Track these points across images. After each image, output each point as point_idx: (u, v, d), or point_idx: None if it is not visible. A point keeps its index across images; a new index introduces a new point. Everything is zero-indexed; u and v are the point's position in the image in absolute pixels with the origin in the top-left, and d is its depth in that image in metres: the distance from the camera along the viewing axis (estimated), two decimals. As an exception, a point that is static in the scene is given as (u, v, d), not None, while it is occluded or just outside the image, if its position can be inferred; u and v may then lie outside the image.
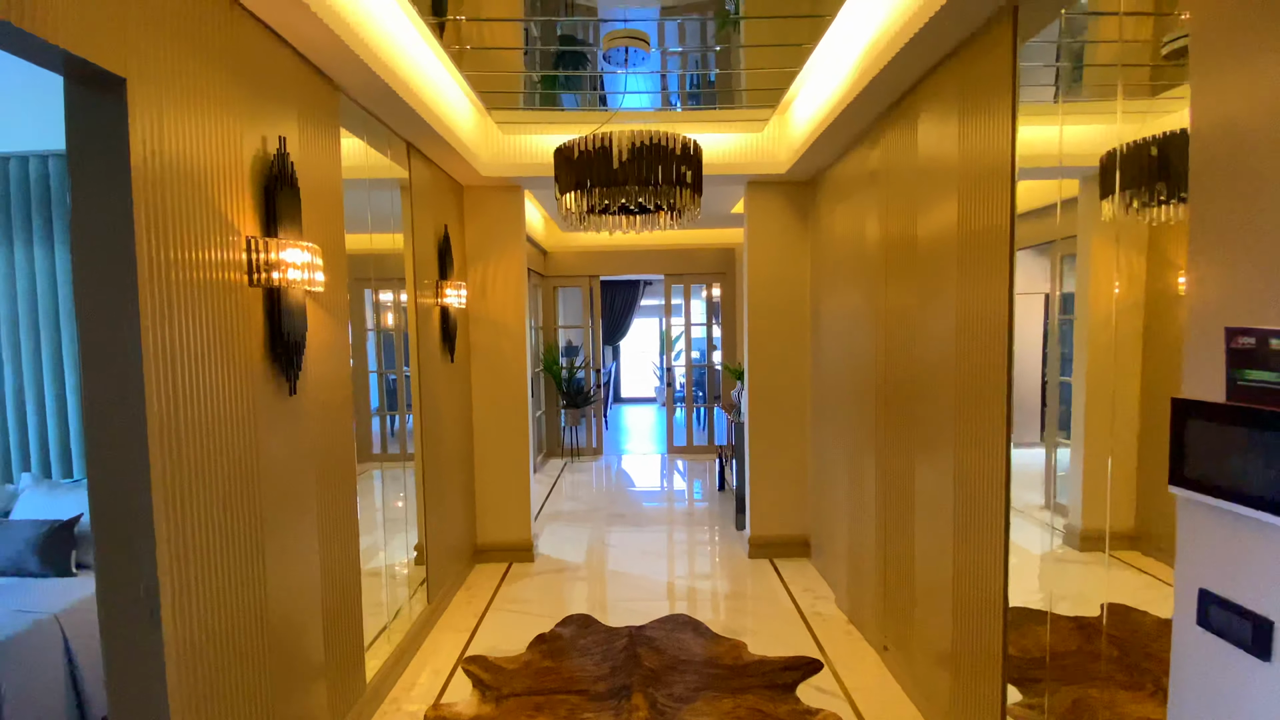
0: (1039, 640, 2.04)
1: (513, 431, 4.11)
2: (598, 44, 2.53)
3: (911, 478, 2.58)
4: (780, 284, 4.07)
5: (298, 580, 2.01)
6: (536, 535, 4.40)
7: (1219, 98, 1.16)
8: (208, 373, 1.60)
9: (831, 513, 3.63)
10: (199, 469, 1.57)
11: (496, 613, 3.42)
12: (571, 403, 7.35)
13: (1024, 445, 1.95)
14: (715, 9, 2.42)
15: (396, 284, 3.12)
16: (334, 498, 2.26)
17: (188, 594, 1.53)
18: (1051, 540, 2.06)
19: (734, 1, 2.41)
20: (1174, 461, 1.25)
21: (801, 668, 2.79)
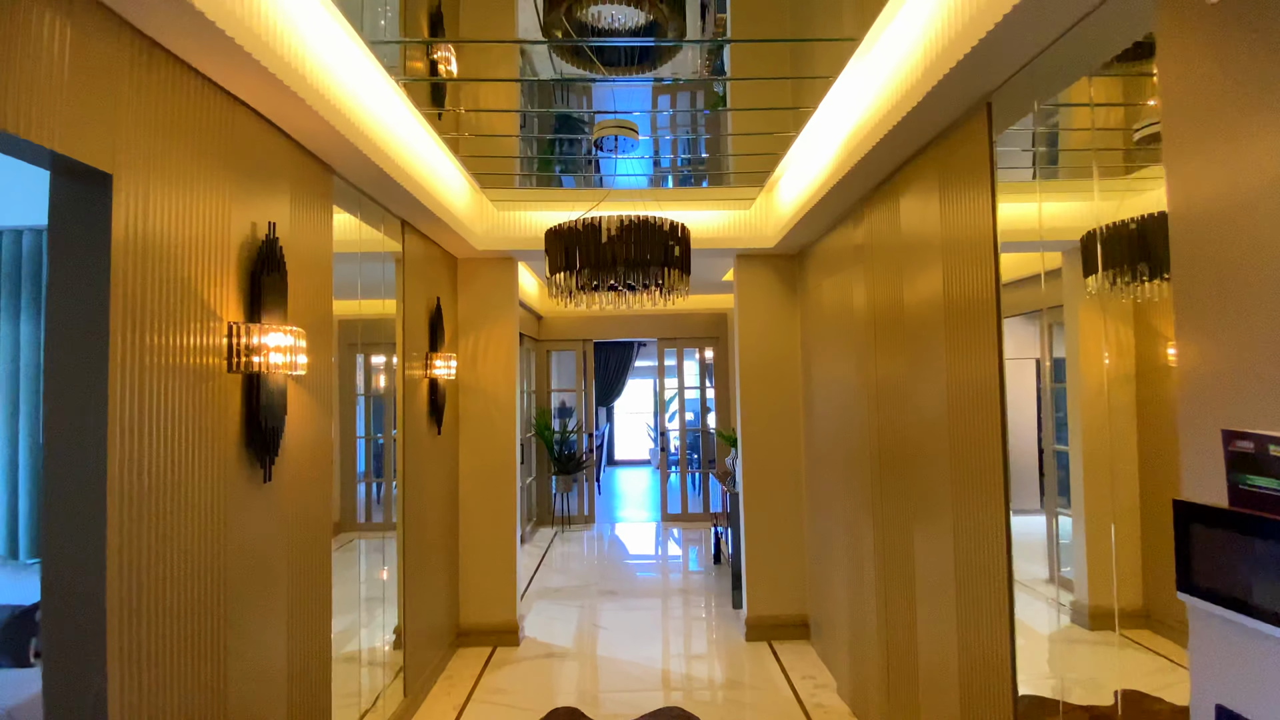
0: None
1: (500, 505, 3.99)
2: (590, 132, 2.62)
3: (911, 552, 2.48)
4: (771, 354, 4.07)
5: (261, 677, 1.87)
6: (523, 616, 4.20)
7: (1193, 182, 1.17)
8: (178, 459, 1.54)
9: (830, 590, 3.48)
10: (160, 559, 1.48)
11: (477, 704, 3.21)
12: (563, 469, 7.21)
13: (1023, 511, 1.88)
14: (704, 94, 2.52)
15: (387, 348, 3.10)
16: (306, 585, 2.15)
17: (138, 696, 1.41)
18: (1059, 618, 1.97)
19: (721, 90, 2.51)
20: (1180, 567, 1.19)
21: (803, 771, 2.59)
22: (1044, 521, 1.93)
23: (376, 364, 3.11)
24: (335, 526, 2.85)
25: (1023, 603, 1.89)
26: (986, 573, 1.96)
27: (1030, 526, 1.87)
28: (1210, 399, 1.14)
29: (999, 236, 1.90)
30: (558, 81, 2.43)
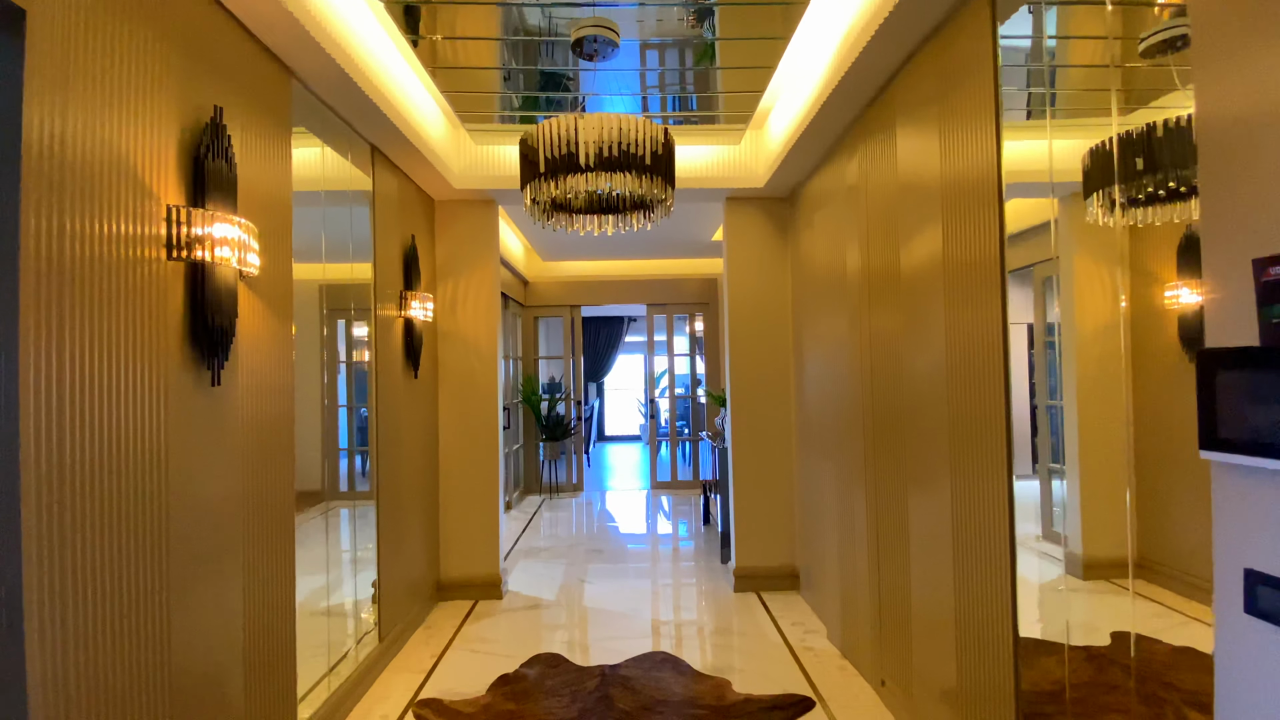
0: (1047, 673, 1.85)
1: (482, 457, 3.87)
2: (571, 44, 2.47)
3: (905, 507, 2.40)
4: (761, 305, 3.96)
5: (212, 620, 1.75)
6: (507, 572, 4.10)
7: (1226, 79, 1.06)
8: (107, 354, 1.40)
9: (821, 544, 3.40)
10: (87, 473, 1.34)
11: (457, 652, 3.11)
12: (551, 435, 7.10)
13: (1017, 477, 1.85)
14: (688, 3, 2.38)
15: (368, 315, 2.96)
16: (266, 523, 2.02)
17: (62, 626, 1.28)
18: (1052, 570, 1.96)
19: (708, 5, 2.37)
20: (1203, 423, 1.09)
21: (792, 706, 2.51)
22: (1037, 486, 1.92)
23: (359, 336, 2.97)
24: (317, 495, 2.73)
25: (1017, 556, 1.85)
26: (986, 523, 1.91)
27: (1023, 490, 1.85)
28: (1239, 227, 1.04)
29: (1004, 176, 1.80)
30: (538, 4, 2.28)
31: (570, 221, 2.51)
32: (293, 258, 2.19)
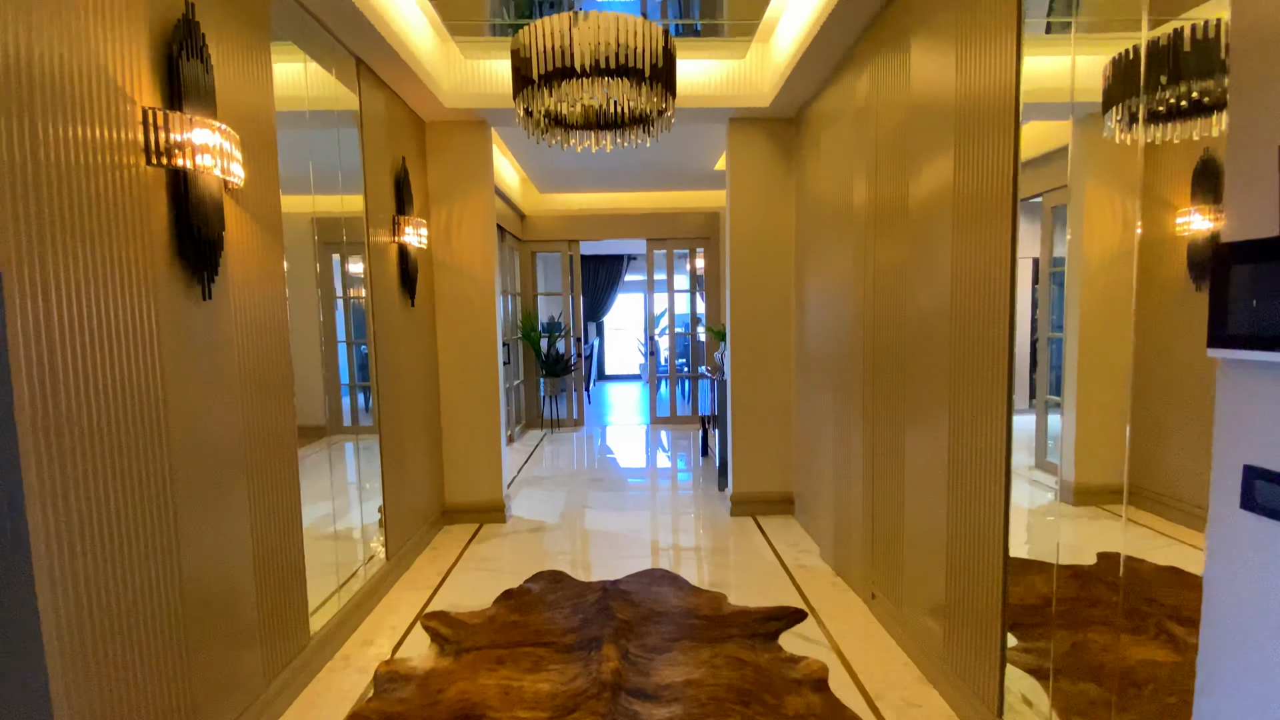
0: (1034, 589, 1.93)
1: (483, 387, 3.89)
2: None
3: (902, 438, 2.43)
4: (764, 235, 3.87)
5: (221, 537, 1.80)
6: (510, 498, 4.20)
7: None
8: (92, 263, 1.37)
9: (817, 471, 3.47)
10: (80, 395, 1.34)
11: (462, 571, 3.23)
12: (551, 372, 7.13)
13: (1016, 411, 1.86)
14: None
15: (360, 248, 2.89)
16: (266, 438, 2.04)
17: (71, 552, 1.31)
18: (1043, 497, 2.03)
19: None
20: (1213, 321, 1.07)
21: (785, 617, 2.63)
22: (1032, 419, 1.95)
23: (355, 273, 2.91)
24: (320, 430, 2.75)
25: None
26: (981, 456, 1.93)
27: (1017, 423, 1.86)
28: (1264, 126, 0.99)
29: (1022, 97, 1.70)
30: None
31: (566, 138, 2.41)
32: (279, 180, 2.11)
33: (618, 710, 1.96)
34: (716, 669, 2.20)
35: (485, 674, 2.21)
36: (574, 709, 1.98)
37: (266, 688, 1.98)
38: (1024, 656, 1.89)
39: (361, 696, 2.14)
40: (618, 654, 2.28)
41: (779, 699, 2.04)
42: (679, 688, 2.10)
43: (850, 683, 2.17)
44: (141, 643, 1.50)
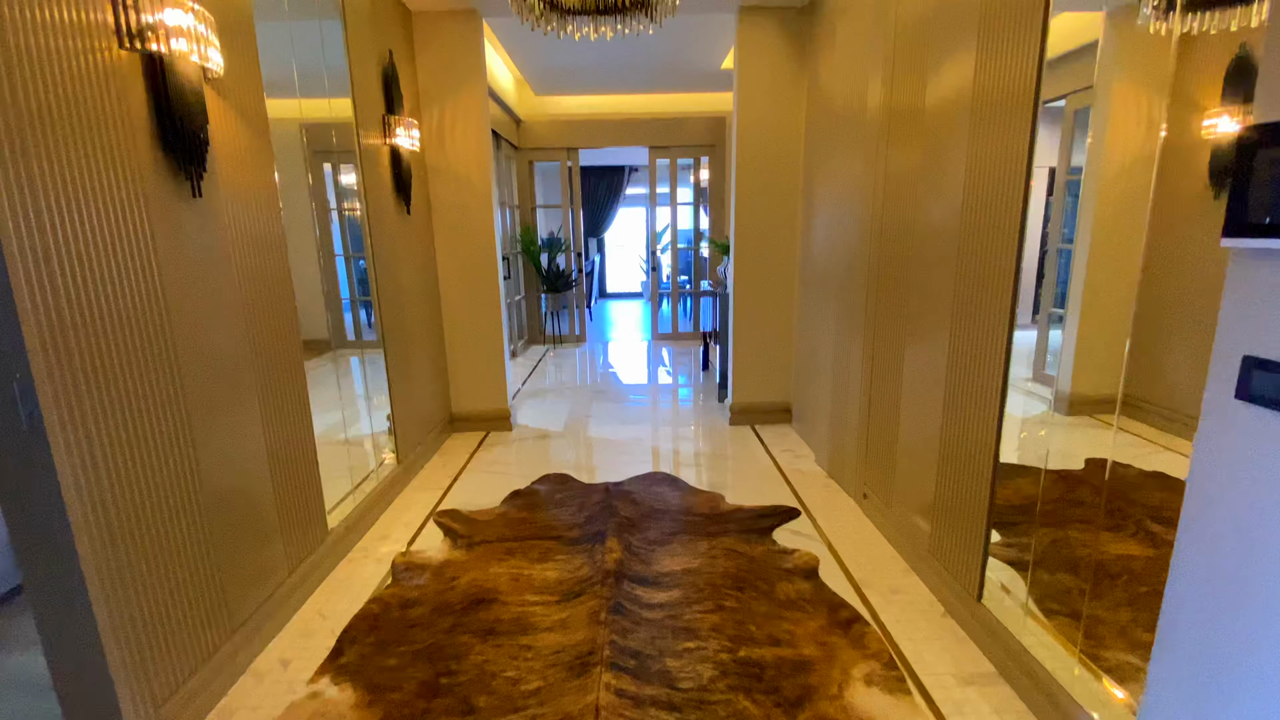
0: (1019, 491, 2.00)
1: (484, 298, 3.87)
2: None
3: (901, 351, 2.44)
4: (772, 138, 3.70)
5: (236, 439, 1.85)
6: (515, 409, 4.30)
7: None
8: (73, 157, 1.32)
9: (816, 381, 3.52)
10: (80, 290, 1.33)
11: (471, 474, 3.36)
12: (552, 287, 7.08)
13: (1018, 326, 1.85)
14: None
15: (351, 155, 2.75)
16: (272, 347, 2.05)
17: (89, 441, 1.35)
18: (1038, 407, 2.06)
19: None
20: (1232, 210, 1.04)
21: (779, 515, 2.76)
22: (1033, 334, 1.94)
23: (348, 185, 2.78)
24: (324, 344, 2.75)
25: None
26: (980, 369, 1.93)
27: (1020, 339, 1.85)
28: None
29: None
30: None
31: (563, 25, 2.25)
32: (262, 77, 1.99)
33: (620, 594, 2.10)
34: (713, 559, 2.34)
35: (496, 564, 2.35)
36: (580, 593, 2.13)
37: (289, 576, 2.12)
38: (1006, 551, 1.99)
39: (380, 584, 2.29)
40: (620, 546, 2.42)
41: (771, 585, 2.18)
42: (678, 575, 2.24)
43: (839, 572, 2.31)
44: (168, 537, 1.58)
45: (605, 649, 1.82)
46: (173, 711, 1.55)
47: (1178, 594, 1.20)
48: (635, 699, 1.64)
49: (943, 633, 1.95)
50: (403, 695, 1.68)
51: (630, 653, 1.81)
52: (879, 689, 1.67)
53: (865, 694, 1.65)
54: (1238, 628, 1.08)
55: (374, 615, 2.05)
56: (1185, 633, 1.18)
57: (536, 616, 2.01)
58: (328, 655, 1.87)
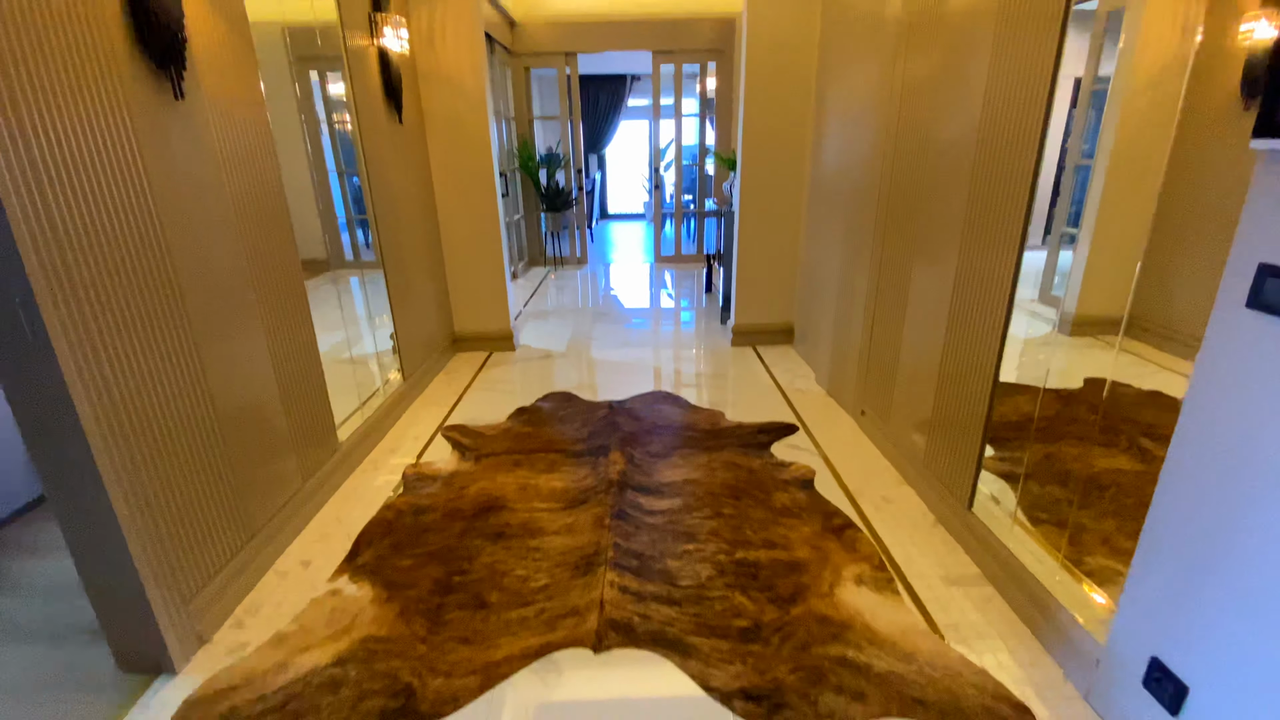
0: (1017, 409, 2.02)
1: (482, 212, 3.77)
2: None
3: (908, 273, 2.39)
4: (785, 41, 3.46)
5: (243, 358, 1.84)
6: (518, 329, 4.30)
7: None
8: (51, 67, 1.23)
9: (819, 302, 3.48)
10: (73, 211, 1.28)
11: (476, 391, 3.41)
12: (552, 206, 6.89)
13: (1027, 248, 1.80)
14: None
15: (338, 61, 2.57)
16: (270, 265, 2.01)
17: (94, 353, 1.34)
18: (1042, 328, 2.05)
19: None
20: (1265, 108, 0.98)
21: (778, 430, 2.82)
22: (1042, 256, 1.90)
23: (336, 96, 2.61)
24: (323, 263, 2.69)
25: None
26: (986, 291, 1.89)
27: (1029, 260, 1.81)
28: None
29: None
30: None
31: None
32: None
33: (623, 502, 2.19)
34: (713, 471, 2.41)
35: (504, 475, 2.43)
36: (584, 501, 2.21)
37: (303, 485, 2.20)
38: (999, 464, 2.05)
39: (393, 492, 2.38)
40: (623, 459, 2.49)
41: (768, 494, 2.26)
42: (678, 485, 2.31)
43: (834, 483, 2.39)
44: (182, 447, 1.62)
45: (609, 550, 1.91)
46: (201, 606, 1.65)
47: (1166, 497, 1.24)
48: (637, 595, 1.74)
49: (932, 539, 2.04)
50: (418, 592, 1.78)
51: (633, 554, 1.91)
52: (868, 587, 1.77)
53: (855, 591, 1.75)
54: (1220, 530, 1.12)
55: (387, 521, 2.14)
56: (1169, 532, 1.23)
57: (543, 522, 2.09)
58: (345, 557, 1.97)
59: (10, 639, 1.70)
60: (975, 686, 1.44)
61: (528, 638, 1.61)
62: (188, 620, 1.60)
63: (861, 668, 1.49)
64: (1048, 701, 1.43)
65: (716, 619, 1.65)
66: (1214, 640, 1.13)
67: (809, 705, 1.40)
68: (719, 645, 1.57)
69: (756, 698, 1.42)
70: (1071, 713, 1.40)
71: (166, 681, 1.53)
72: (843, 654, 1.53)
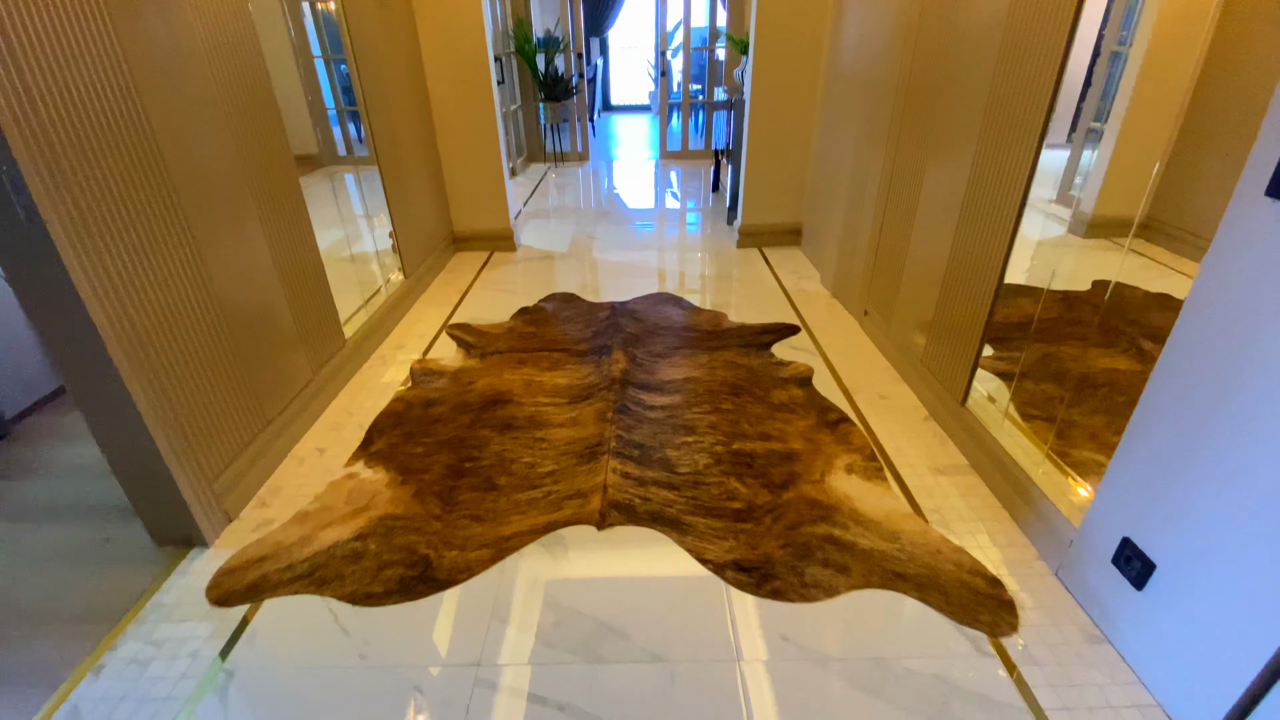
0: (1020, 310, 2.00)
1: (477, 100, 3.57)
2: None
3: (922, 170, 2.28)
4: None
5: (243, 258, 1.81)
6: (518, 228, 4.21)
7: None
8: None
9: (829, 201, 3.36)
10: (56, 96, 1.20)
11: (479, 291, 3.40)
12: (551, 95, 6.50)
13: (1049, 145, 1.70)
14: None
15: None
16: (262, 158, 1.92)
17: (90, 237, 1.31)
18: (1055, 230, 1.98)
19: None
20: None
21: (779, 331, 2.83)
22: (1064, 154, 1.81)
23: None
24: (316, 159, 2.57)
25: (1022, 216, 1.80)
26: (999, 189, 1.80)
27: (1050, 159, 1.71)
28: None
29: None
30: None
31: None
32: None
33: (626, 397, 2.24)
34: (713, 370, 2.45)
35: (509, 371, 2.47)
36: (588, 396, 2.27)
37: (314, 378, 2.25)
38: (997, 364, 2.07)
39: (401, 385, 2.44)
40: (626, 358, 2.52)
41: (766, 391, 2.31)
42: (679, 383, 2.36)
43: (832, 381, 2.43)
44: (192, 340, 1.64)
45: (612, 441, 1.99)
46: (225, 487, 1.75)
47: (1158, 386, 1.26)
48: (639, 480, 1.83)
49: (924, 433, 2.11)
50: (431, 476, 1.87)
51: (635, 444, 1.98)
52: (858, 476, 1.85)
53: (845, 479, 1.84)
54: (1206, 418, 1.15)
55: (398, 412, 2.21)
56: (1156, 419, 1.26)
57: (549, 415, 2.16)
58: (359, 445, 2.05)
59: (50, 519, 1.82)
60: (953, 563, 1.55)
61: (536, 516, 1.71)
62: (214, 499, 1.70)
63: (847, 545, 1.59)
64: (1019, 576, 1.53)
65: (712, 501, 1.74)
66: (1186, 523, 1.19)
67: (795, 576, 1.51)
68: (714, 524, 1.67)
69: (747, 569, 1.53)
70: (1040, 586, 1.51)
71: (200, 554, 1.65)
72: (829, 533, 1.63)
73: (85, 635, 1.44)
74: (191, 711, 1.26)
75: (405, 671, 1.33)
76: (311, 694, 1.28)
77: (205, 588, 1.54)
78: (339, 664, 1.34)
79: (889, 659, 1.33)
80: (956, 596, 1.46)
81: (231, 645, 1.39)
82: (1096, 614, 1.41)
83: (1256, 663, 1.06)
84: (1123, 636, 1.34)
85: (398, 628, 1.42)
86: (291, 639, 1.40)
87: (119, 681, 1.32)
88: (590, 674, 1.31)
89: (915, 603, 1.45)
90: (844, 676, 1.30)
